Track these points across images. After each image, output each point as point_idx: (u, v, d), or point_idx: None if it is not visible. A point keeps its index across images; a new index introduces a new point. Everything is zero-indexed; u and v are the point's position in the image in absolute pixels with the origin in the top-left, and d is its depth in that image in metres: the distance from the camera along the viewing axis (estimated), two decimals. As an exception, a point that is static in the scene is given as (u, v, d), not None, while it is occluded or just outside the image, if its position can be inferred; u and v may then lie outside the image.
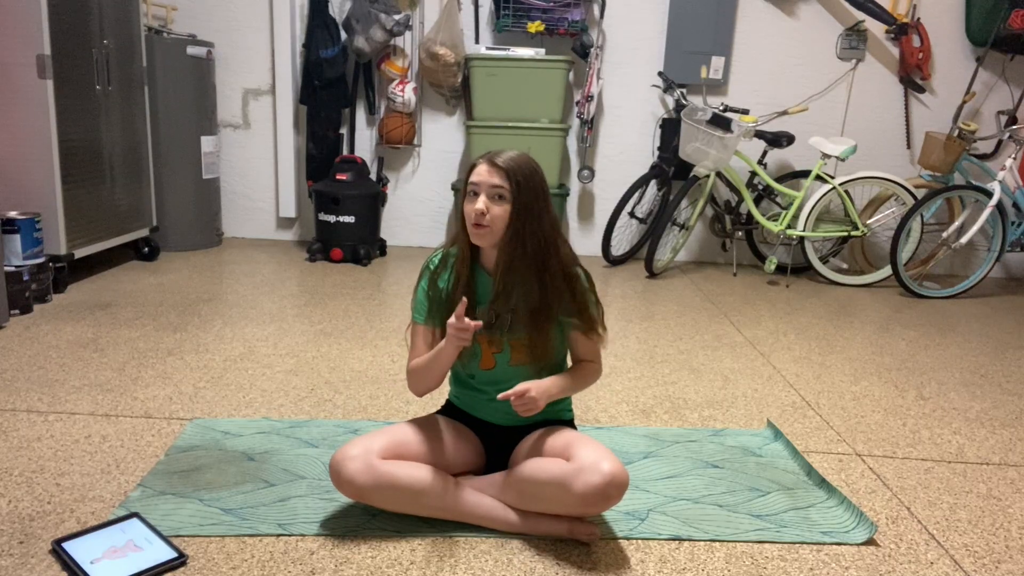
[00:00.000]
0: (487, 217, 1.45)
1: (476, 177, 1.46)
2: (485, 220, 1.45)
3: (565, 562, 1.45)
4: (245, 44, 4.30)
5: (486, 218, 1.45)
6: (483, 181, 1.45)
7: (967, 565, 1.52)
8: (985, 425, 2.27)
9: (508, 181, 1.45)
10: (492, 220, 1.45)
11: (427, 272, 1.60)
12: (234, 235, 4.60)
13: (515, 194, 1.45)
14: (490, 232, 1.46)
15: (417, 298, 1.61)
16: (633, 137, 4.49)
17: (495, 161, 1.46)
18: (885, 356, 2.91)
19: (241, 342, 2.66)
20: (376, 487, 1.45)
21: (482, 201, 1.44)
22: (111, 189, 3.52)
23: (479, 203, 1.44)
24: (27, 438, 1.85)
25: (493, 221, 1.45)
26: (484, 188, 1.45)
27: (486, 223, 1.45)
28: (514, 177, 1.45)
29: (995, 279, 4.65)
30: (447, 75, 4.09)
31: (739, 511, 1.67)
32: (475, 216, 1.45)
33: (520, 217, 1.46)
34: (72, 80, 3.17)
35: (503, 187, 1.45)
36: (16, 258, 2.89)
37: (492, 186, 1.45)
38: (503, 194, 1.45)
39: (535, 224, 1.48)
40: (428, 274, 1.59)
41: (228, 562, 1.40)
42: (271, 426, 1.99)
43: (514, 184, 1.45)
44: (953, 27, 4.36)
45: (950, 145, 3.90)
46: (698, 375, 2.58)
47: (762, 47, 4.38)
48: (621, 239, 4.49)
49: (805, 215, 3.97)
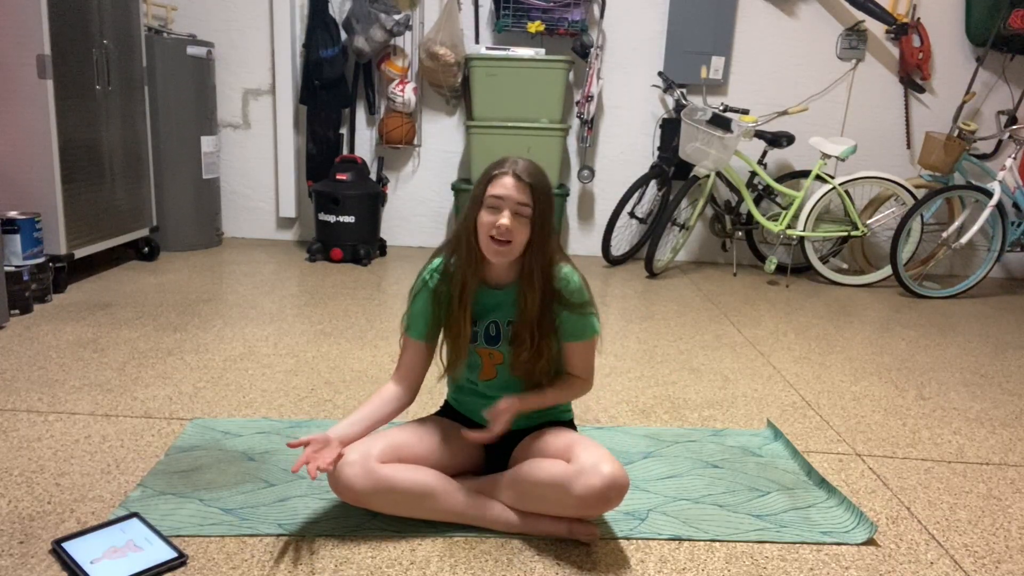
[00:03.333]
0: (511, 234, 1.41)
1: (501, 190, 1.41)
2: (510, 237, 1.41)
3: (565, 562, 1.45)
4: (245, 44, 4.31)
5: (511, 235, 1.41)
6: (509, 196, 1.40)
7: (967, 565, 1.52)
8: (985, 425, 2.27)
9: (532, 198, 1.41)
10: (515, 237, 1.41)
11: (426, 288, 1.55)
12: (234, 235, 4.60)
13: (536, 210, 1.42)
14: (510, 250, 1.42)
15: (413, 313, 1.57)
16: (633, 137, 4.49)
17: (521, 176, 1.41)
18: (885, 356, 2.91)
19: (241, 342, 2.66)
20: (375, 491, 1.45)
21: (507, 217, 1.40)
22: (111, 189, 3.52)
23: (504, 219, 1.40)
24: (27, 438, 1.85)
25: (516, 239, 1.42)
26: (510, 204, 1.40)
27: (509, 239, 1.41)
28: (537, 193, 1.42)
29: (995, 279, 4.65)
30: (447, 75, 4.09)
31: (739, 511, 1.67)
32: (500, 232, 1.40)
33: (542, 231, 1.44)
34: (72, 80, 3.17)
35: (528, 204, 1.41)
36: (16, 258, 2.89)
37: (519, 203, 1.40)
38: (526, 212, 1.41)
39: (549, 237, 1.46)
40: (428, 291, 1.55)
41: (228, 562, 1.40)
42: (271, 426, 1.98)
43: (537, 200, 1.42)
44: (953, 27, 4.36)
45: (950, 145, 3.90)
46: (698, 375, 2.58)
47: (762, 47, 4.38)
48: (621, 239, 4.49)
49: (805, 215, 3.97)
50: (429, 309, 1.55)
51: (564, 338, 1.55)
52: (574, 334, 1.54)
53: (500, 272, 1.51)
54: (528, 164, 1.44)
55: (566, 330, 1.54)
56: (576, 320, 1.53)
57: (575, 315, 1.52)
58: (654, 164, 4.30)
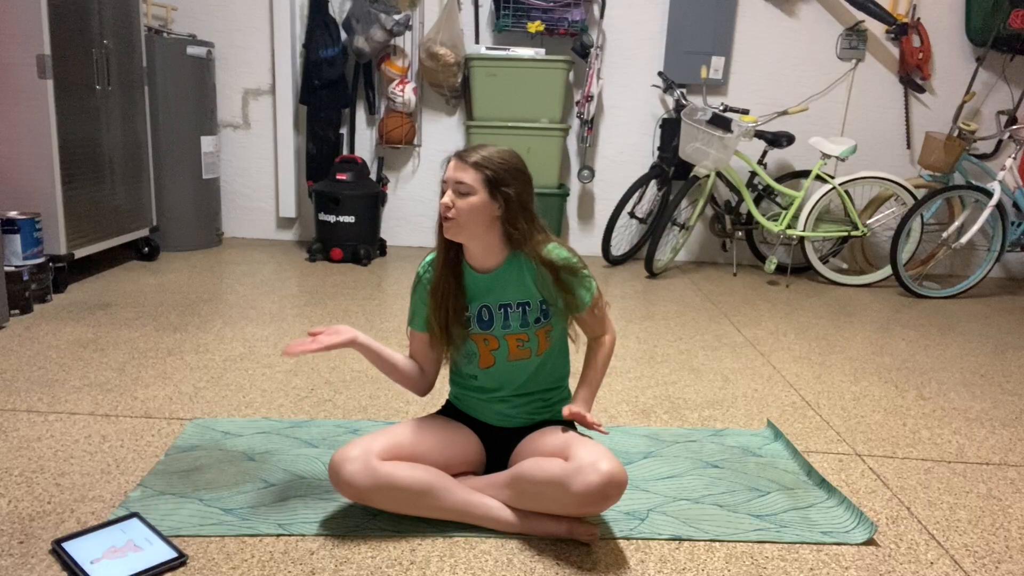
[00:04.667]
0: (452, 211, 1.48)
1: (447, 173, 1.51)
2: (451, 213, 1.48)
3: (565, 562, 1.45)
4: (245, 44, 4.30)
5: (451, 211, 1.48)
6: (451, 177, 1.49)
7: (967, 565, 1.52)
8: (985, 425, 2.27)
9: (477, 173, 1.48)
10: (458, 213, 1.48)
11: (419, 283, 1.63)
12: (234, 235, 4.60)
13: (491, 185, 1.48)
14: (455, 224, 1.49)
15: (413, 306, 1.65)
16: (633, 137, 4.49)
17: (463, 157, 1.50)
18: (885, 356, 2.91)
19: (241, 342, 2.66)
20: (376, 488, 1.45)
21: (448, 196, 1.49)
22: (111, 189, 3.52)
23: (444, 197, 1.49)
24: (27, 438, 1.85)
25: (459, 214, 1.48)
26: (451, 184, 1.49)
27: (451, 215, 1.48)
28: (484, 170, 1.48)
29: (995, 279, 4.65)
30: (447, 75, 4.09)
31: (739, 511, 1.67)
32: (441, 210, 1.50)
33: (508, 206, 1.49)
34: (72, 80, 3.17)
35: (465, 182, 1.47)
36: (16, 258, 2.89)
37: (457, 182, 1.48)
38: (464, 189, 1.47)
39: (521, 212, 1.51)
40: (423, 284, 1.62)
41: (228, 562, 1.40)
42: (271, 426, 1.99)
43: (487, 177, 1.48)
44: (953, 27, 4.36)
45: (950, 145, 3.90)
46: (698, 375, 2.58)
47: (762, 47, 4.38)
48: (621, 239, 4.49)
49: (805, 215, 3.97)
50: (425, 301, 1.60)
51: (570, 310, 1.58)
52: (576, 305, 1.57)
53: (478, 255, 1.55)
54: (478, 147, 1.52)
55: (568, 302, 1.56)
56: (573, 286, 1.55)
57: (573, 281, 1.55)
58: (654, 164, 4.30)
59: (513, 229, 1.51)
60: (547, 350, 1.60)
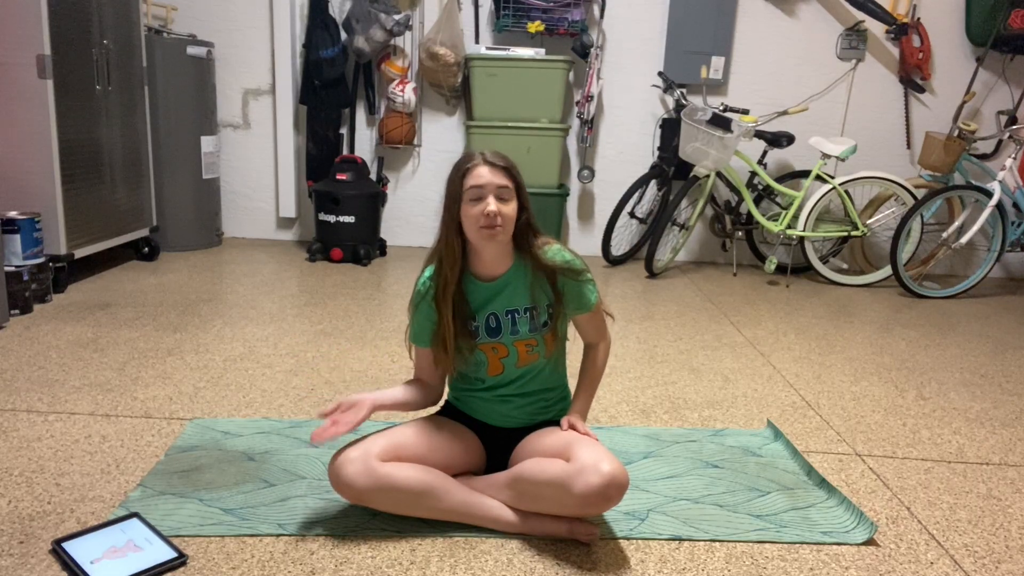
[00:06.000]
0: (499, 217, 1.45)
1: (478, 180, 1.45)
2: (500, 220, 1.45)
3: (565, 562, 1.45)
4: (245, 44, 4.30)
5: (499, 218, 1.45)
6: (489, 182, 1.45)
7: (967, 565, 1.52)
8: (985, 425, 2.27)
9: (510, 178, 1.48)
10: (505, 219, 1.46)
11: (424, 299, 1.56)
12: (234, 235, 4.60)
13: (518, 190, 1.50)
14: (503, 231, 1.47)
15: (416, 324, 1.59)
16: (633, 137, 4.49)
17: (493, 162, 1.48)
18: (885, 356, 2.91)
19: (241, 342, 2.66)
20: (376, 489, 1.45)
21: (493, 202, 1.44)
22: (111, 189, 3.51)
23: (491, 204, 1.44)
24: (27, 438, 1.85)
25: (506, 220, 1.47)
26: (491, 189, 1.45)
27: (500, 223, 1.45)
28: (513, 173, 1.50)
29: (995, 279, 4.64)
30: (447, 75, 4.09)
31: (739, 511, 1.67)
32: (488, 218, 1.44)
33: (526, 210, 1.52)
34: (72, 80, 3.17)
35: (508, 185, 1.47)
36: (16, 258, 2.89)
37: (499, 187, 1.46)
38: (507, 195, 1.47)
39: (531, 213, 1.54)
40: (427, 300, 1.56)
41: (228, 562, 1.40)
42: (271, 426, 1.99)
43: (514, 180, 1.49)
44: (953, 27, 4.36)
45: (950, 145, 3.90)
46: (698, 375, 2.58)
47: (762, 47, 4.38)
48: (621, 239, 4.49)
49: (805, 215, 3.97)
50: (432, 317, 1.56)
51: (570, 311, 1.59)
52: (579, 305, 1.59)
53: (490, 263, 1.54)
54: (493, 152, 1.51)
55: (570, 303, 1.58)
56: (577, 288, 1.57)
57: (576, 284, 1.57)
58: (654, 164, 4.30)
59: (527, 232, 1.52)
60: (554, 352, 1.62)
